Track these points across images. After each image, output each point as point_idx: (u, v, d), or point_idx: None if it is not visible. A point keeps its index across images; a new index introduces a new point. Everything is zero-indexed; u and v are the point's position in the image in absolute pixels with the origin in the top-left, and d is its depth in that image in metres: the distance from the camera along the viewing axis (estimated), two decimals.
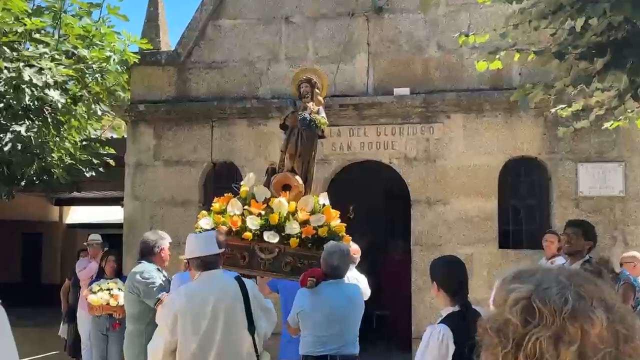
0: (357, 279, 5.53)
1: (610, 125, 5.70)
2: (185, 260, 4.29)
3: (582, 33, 3.99)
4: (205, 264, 3.82)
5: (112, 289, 6.59)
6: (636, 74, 4.08)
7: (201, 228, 5.14)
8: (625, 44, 4.05)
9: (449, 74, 7.97)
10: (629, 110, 4.92)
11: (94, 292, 6.53)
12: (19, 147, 7.74)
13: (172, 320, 3.62)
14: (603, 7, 3.60)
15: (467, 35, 4.71)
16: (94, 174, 9.60)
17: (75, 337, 8.02)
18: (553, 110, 5.54)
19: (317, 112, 5.58)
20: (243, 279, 3.93)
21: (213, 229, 5.00)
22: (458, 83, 7.93)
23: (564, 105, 5.51)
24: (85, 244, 8.52)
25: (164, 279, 4.99)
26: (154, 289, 4.85)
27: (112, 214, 16.13)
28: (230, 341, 3.67)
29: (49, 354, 9.09)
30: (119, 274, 6.86)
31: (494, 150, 7.77)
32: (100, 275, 6.92)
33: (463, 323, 3.31)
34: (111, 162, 9.72)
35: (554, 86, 4.50)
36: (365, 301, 4.92)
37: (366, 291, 5.62)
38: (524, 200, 7.99)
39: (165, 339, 3.65)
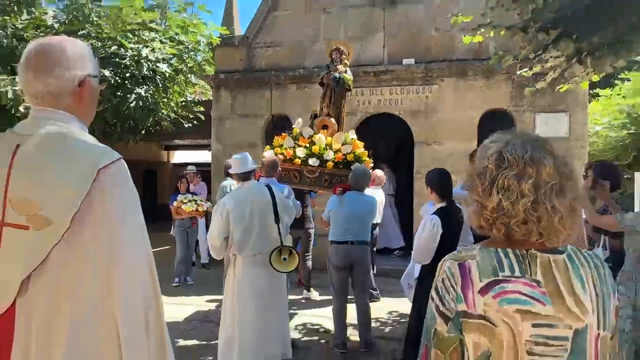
0: (381, 199, 5.52)
1: (561, 88, 5.49)
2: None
3: (541, 10, 3.90)
4: (244, 177, 3.79)
5: (197, 200, 6.91)
6: (580, 42, 3.99)
7: (264, 156, 5.28)
8: (572, 19, 3.95)
9: (443, 48, 7.77)
10: (576, 75, 4.78)
11: (184, 203, 6.82)
12: (140, 105, 8.01)
13: (225, 215, 3.58)
14: None
15: (457, 16, 4.63)
16: (190, 124, 9.89)
17: None
18: (518, 72, 5.42)
19: (345, 72, 5.47)
20: (271, 186, 3.90)
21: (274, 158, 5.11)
22: (450, 55, 7.74)
23: (526, 69, 5.39)
24: (185, 172, 8.85)
25: None
26: None
27: (202, 157, 16.49)
28: (264, 228, 3.68)
29: (163, 247, 9.60)
30: (188, 191, 7.16)
31: (475, 105, 7.61)
32: (177, 192, 7.13)
33: (448, 214, 3.45)
34: (202, 117, 9.97)
35: (521, 52, 4.42)
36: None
37: (379, 208, 5.60)
38: None
39: (221, 227, 3.59)
